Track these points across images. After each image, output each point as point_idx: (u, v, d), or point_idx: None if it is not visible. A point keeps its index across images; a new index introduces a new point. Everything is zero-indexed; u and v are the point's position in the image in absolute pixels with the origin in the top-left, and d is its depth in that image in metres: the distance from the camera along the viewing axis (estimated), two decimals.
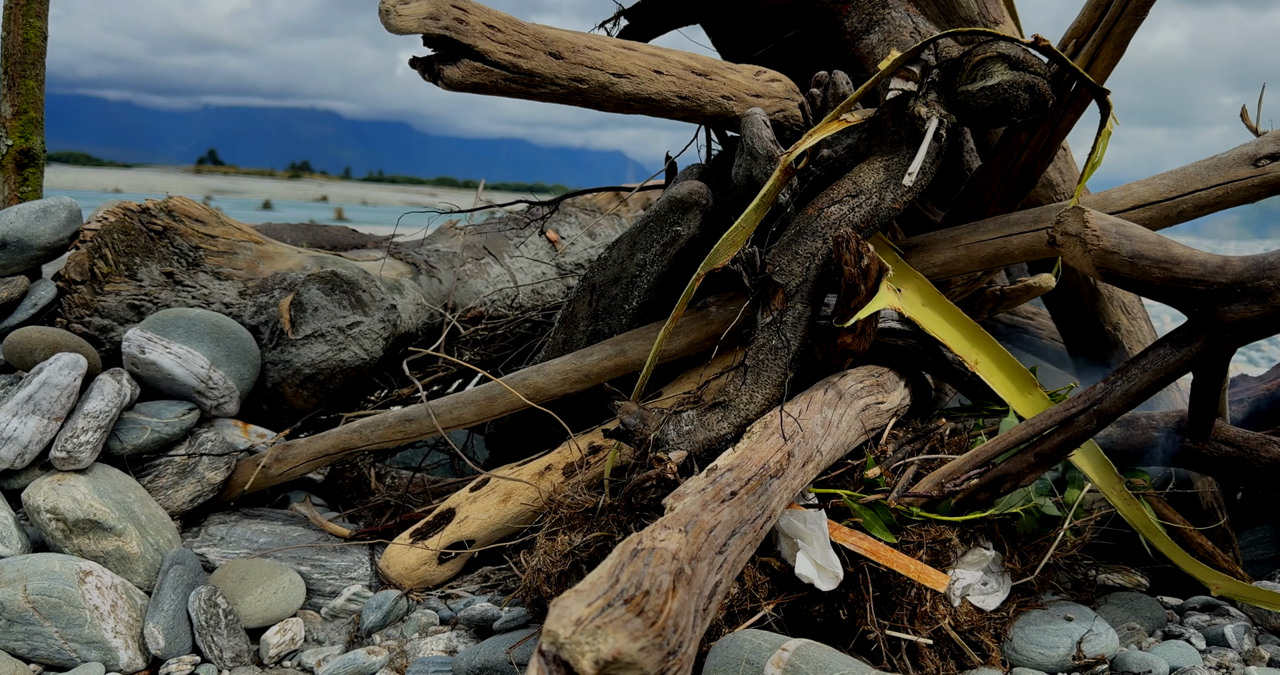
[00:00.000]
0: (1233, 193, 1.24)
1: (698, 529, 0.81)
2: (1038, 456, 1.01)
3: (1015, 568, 1.10)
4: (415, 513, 1.41)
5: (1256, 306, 0.89)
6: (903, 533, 1.05)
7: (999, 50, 1.13)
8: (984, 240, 1.26)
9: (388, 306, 1.61)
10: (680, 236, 1.27)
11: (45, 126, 2.15)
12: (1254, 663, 1.14)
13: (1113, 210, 1.26)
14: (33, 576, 1.10)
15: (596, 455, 1.31)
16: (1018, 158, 1.28)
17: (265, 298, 1.62)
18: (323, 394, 1.59)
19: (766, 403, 1.11)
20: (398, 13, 1.03)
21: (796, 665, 0.86)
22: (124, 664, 1.09)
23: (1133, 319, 1.62)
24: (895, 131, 1.19)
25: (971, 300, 1.43)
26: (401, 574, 1.28)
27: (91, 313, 1.51)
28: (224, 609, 1.15)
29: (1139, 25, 1.20)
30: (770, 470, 0.96)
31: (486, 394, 1.35)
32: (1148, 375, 0.96)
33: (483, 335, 1.78)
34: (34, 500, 1.20)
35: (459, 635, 1.17)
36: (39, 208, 1.51)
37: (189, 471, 1.38)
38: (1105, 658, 1.10)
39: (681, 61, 1.30)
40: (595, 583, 0.66)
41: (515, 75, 1.12)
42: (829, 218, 1.16)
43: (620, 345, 1.31)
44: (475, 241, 2.03)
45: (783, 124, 1.40)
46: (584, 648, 0.59)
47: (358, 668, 1.10)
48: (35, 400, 1.26)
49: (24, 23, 2.04)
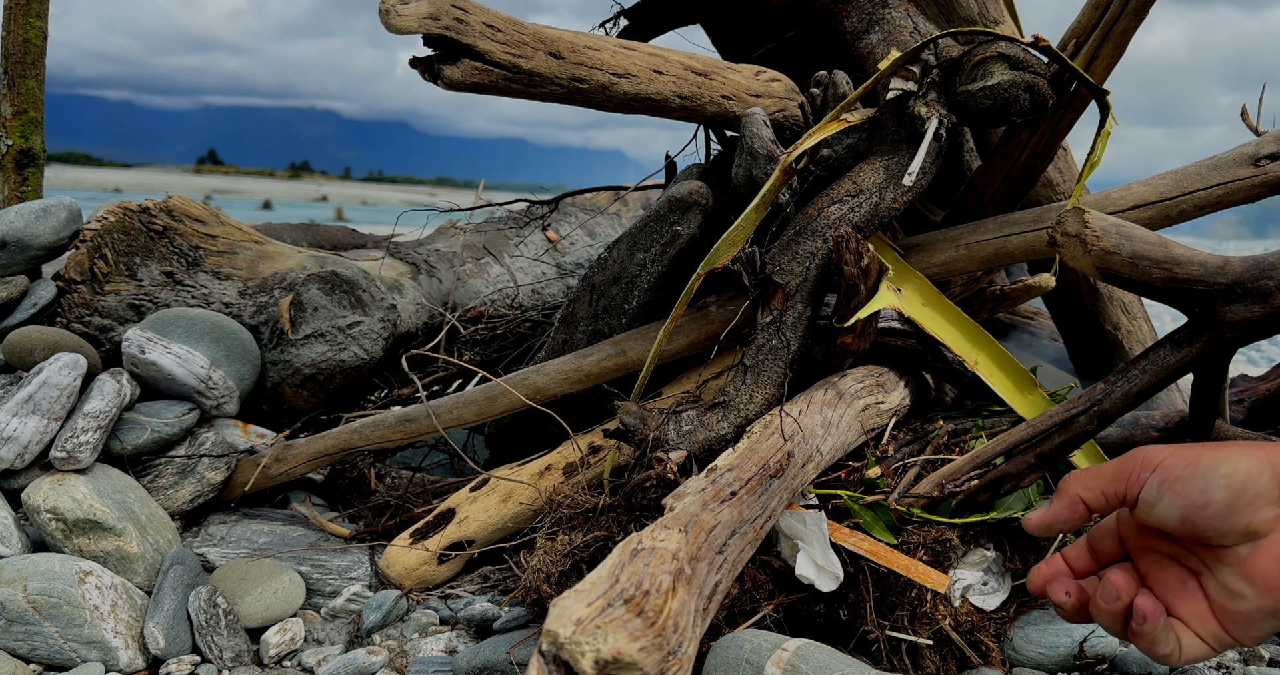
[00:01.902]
0: (1233, 193, 1.24)
1: (698, 529, 0.81)
2: (1038, 457, 1.01)
3: (1016, 568, 1.10)
4: (415, 513, 1.41)
5: (1257, 307, 0.89)
6: (903, 533, 1.05)
7: (999, 50, 1.13)
8: (984, 240, 1.26)
9: (388, 306, 1.61)
10: (680, 236, 1.27)
11: (45, 126, 2.15)
12: (1254, 663, 1.14)
13: (1113, 210, 1.26)
14: (33, 576, 1.10)
15: (596, 455, 1.31)
16: (1018, 158, 1.28)
17: (265, 298, 1.62)
18: (323, 394, 1.59)
19: (766, 403, 1.11)
20: (397, 13, 1.03)
21: (796, 665, 0.86)
22: (124, 664, 1.09)
23: (1133, 319, 1.62)
24: (895, 131, 1.19)
25: (971, 300, 1.43)
26: (401, 574, 1.28)
27: (91, 313, 1.51)
28: (224, 609, 1.15)
29: (1139, 25, 1.20)
30: (770, 470, 0.96)
31: (486, 394, 1.35)
32: (1148, 375, 0.96)
33: (483, 335, 1.78)
34: (34, 500, 1.20)
35: (459, 635, 1.17)
36: (39, 208, 1.51)
37: (189, 471, 1.38)
38: (1106, 657, 1.10)
39: (681, 61, 1.30)
40: (595, 583, 0.66)
41: (515, 75, 1.12)
42: (829, 218, 1.16)
43: (620, 345, 1.31)
44: (475, 241, 2.03)
45: (783, 124, 1.40)
46: (584, 648, 0.59)
47: (358, 668, 1.10)
48: (35, 400, 1.26)
49: (24, 23, 2.04)
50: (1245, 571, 0.58)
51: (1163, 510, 0.60)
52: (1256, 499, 0.57)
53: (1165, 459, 0.61)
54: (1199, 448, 0.60)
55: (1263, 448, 0.58)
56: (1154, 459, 0.62)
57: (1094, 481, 0.65)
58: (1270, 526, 0.57)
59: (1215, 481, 0.58)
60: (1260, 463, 0.57)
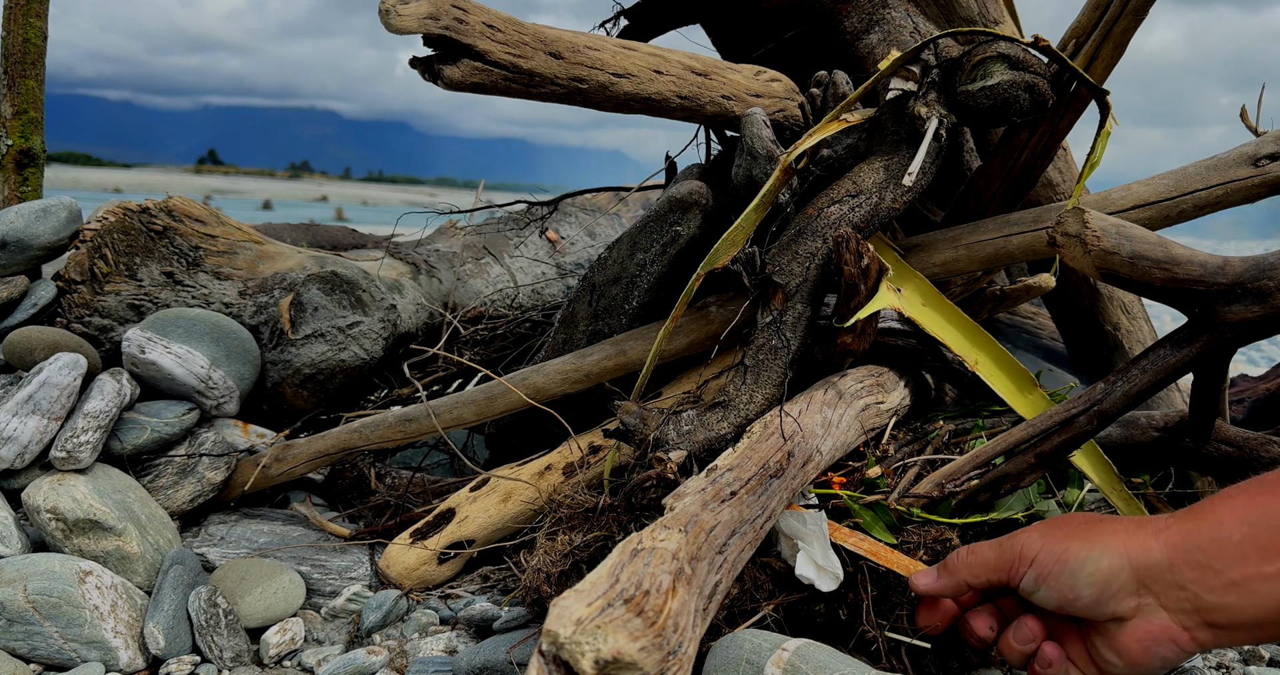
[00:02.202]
0: (1233, 193, 1.24)
1: (698, 529, 0.81)
2: (1038, 457, 1.01)
3: None
4: (415, 513, 1.41)
5: (1257, 307, 0.89)
6: (903, 533, 1.05)
7: (999, 50, 1.13)
8: (984, 240, 1.26)
9: (388, 306, 1.61)
10: (680, 236, 1.27)
11: (45, 126, 2.15)
12: (1254, 663, 1.14)
13: (1113, 210, 1.26)
14: (33, 576, 1.10)
15: (596, 455, 1.31)
16: (1018, 158, 1.28)
17: (265, 298, 1.62)
18: (323, 394, 1.59)
19: (766, 403, 1.11)
20: (398, 13, 1.03)
21: (796, 665, 0.86)
22: (124, 664, 1.09)
23: (1133, 319, 1.62)
24: (895, 131, 1.19)
25: (971, 300, 1.43)
26: (401, 574, 1.28)
27: (91, 313, 1.51)
28: (224, 609, 1.15)
29: (1139, 25, 1.20)
30: (770, 470, 0.96)
31: (486, 394, 1.35)
32: (1148, 376, 0.96)
33: (483, 335, 1.78)
34: (34, 500, 1.20)
35: (459, 635, 1.17)
36: (39, 208, 1.51)
37: (189, 471, 1.38)
38: None
39: (681, 61, 1.30)
40: (595, 582, 0.66)
41: (515, 75, 1.12)
42: (829, 218, 1.16)
43: (620, 345, 1.31)
44: (475, 241, 2.03)
45: (783, 124, 1.40)
46: (584, 647, 0.59)
47: (358, 668, 1.10)
48: (35, 400, 1.26)
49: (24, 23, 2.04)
50: (1114, 646, 0.67)
51: (1042, 598, 0.71)
52: (1119, 592, 0.66)
53: (1038, 555, 0.70)
54: (1068, 538, 0.69)
55: (1124, 537, 0.66)
56: (1029, 553, 0.71)
57: (979, 571, 0.76)
58: (1133, 613, 0.66)
59: (1082, 580, 0.67)
60: (1120, 559, 0.66)
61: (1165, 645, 0.64)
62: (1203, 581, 0.62)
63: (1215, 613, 0.62)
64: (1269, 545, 0.60)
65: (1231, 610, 0.62)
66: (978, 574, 0.76)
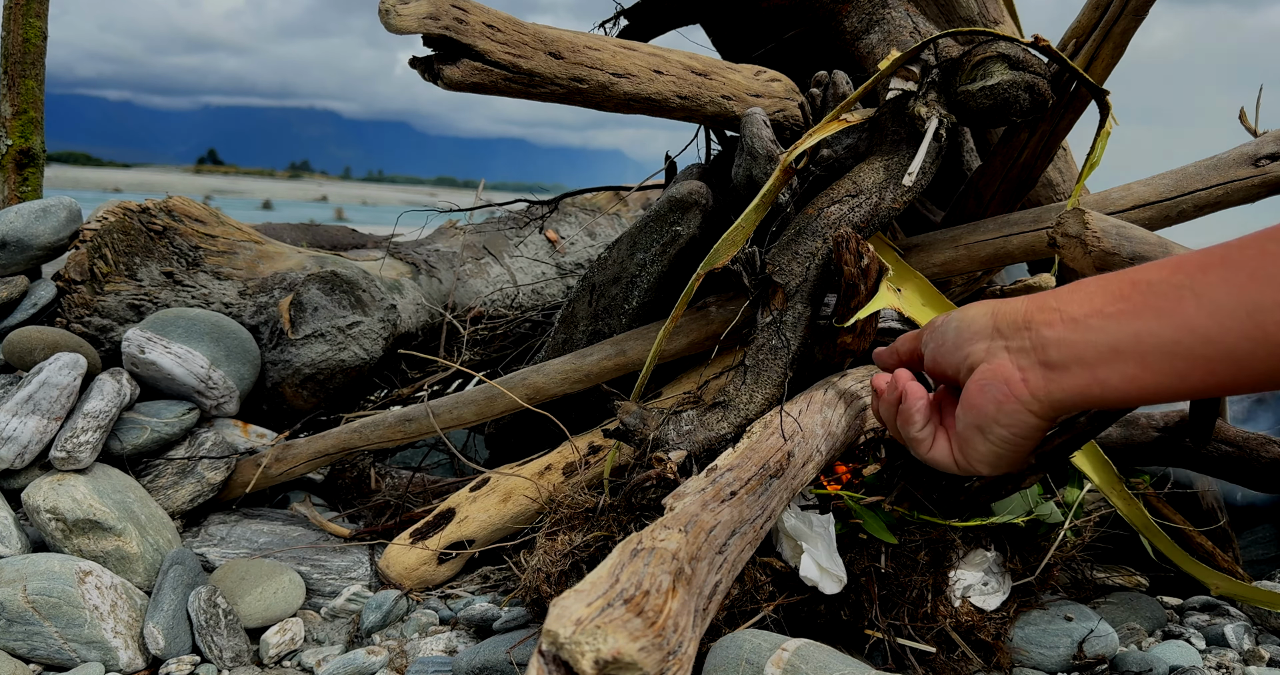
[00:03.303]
0: (1233, 193, 1.24)
1: (698, 529, 0.81)
2: (1039, 458, 1.01)
3: (1016, 568, 1.10)
4: (415, 513, 1.41)
5: None
6: (903, 533, 1.05)
7: (999, 50, 1.13)
8: (984, 240, 1.26)
9: (388, 306, 1.61)
10: (680, 236, 1.27)
11: (45, 126, 2.15)
12: (1254, 662, 1.14)
13: (1113, 210, 1.26)
14: (32, 576, 1.10)
15: (596, 455, 1.31)
16: (1018, 158, 1.28)
17: (265, 298, 1.62)
18: (323, 394, 1.59)
19: (766, 403, 1.11)
20: (397, 12, 1.03)
21: (796, 665, 0.86)
22: (124, 664, 1.09)
23: None
24: (895, 131, 1.19)
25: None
26: (401, 574, 1.28)
27: (91, 313, 1.51)
28: (224, 609, 1.15)
29: (1139, 25, 1.20)
30: (770, 470, 0.96)
31: (486, 394, 1.35)
32: None
33: (483, 335, 1.78)
34: (34, 500, 1.20)
35: (459, 635, 1.17)
36: (39, 208, 1.51)
37: (189, 471, 1.38)
38: (1105, 657, 1.10)
39: (681, 61, 1.30)
40: (595, 582, 0.66)
41: (515, 75, 1.12)
42: (829, 218, 1.16)
43: (620, 345, 1.31)
44: (475, 241, 2.03)
45: (783, 124, 1.40)
46: (584, 647, 0.59)
47: (358, 668, 1.10)
48: (35, 400, 1.26)
49: (24, 23, 2.04)
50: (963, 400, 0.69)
51: (929, 355, 0.75)
52: (975, 335, 0.68)
53: (937, 318, 0.75)
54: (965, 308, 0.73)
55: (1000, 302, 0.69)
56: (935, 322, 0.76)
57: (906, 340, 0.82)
58: (982, 357, 0.67)
59: (950, 324, 0.72)
60: (985, 309, 0.69)
61: (997, 384, 0.65)
62: (1046, 321, 0.63)
63: (1049, 348, 0.62)
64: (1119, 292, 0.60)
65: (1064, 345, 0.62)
66: (904, 341, 0.82)
